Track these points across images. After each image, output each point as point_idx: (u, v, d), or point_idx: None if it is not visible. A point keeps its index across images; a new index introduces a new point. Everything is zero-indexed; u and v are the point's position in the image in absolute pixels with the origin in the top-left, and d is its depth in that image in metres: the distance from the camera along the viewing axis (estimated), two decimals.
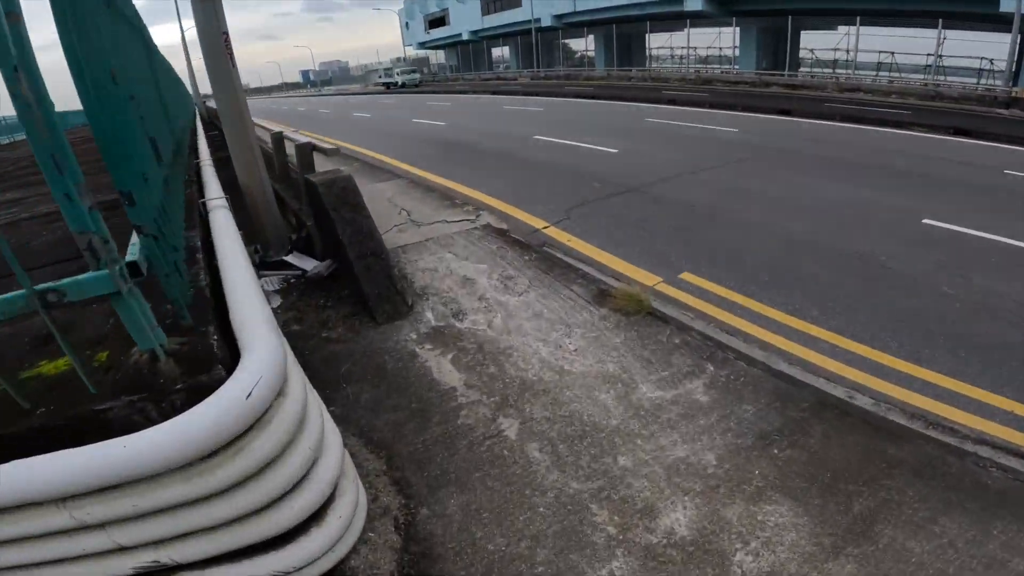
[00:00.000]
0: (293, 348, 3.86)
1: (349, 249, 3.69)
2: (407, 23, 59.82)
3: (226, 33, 3.82)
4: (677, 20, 31.15)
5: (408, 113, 21.27)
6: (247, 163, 4.24)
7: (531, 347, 3.64)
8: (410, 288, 4.06)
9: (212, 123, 19.69)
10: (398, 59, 69.62)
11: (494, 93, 28.84)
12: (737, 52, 28.01)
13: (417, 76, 46.16)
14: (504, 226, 5.38)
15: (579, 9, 36.08)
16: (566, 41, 42.25)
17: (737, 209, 6.15)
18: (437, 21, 53.71)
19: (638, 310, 3.98)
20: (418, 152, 10.79)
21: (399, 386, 3.42)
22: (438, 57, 62.82)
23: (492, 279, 4.19)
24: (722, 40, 31.06)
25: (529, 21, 37.42)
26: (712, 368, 3.53)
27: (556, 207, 6.38)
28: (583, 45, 40.45)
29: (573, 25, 38.76)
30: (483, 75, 47.46)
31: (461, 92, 32.79)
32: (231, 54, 3.88)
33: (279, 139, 6.38)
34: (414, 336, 3.71)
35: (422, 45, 59.79)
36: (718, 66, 30.28)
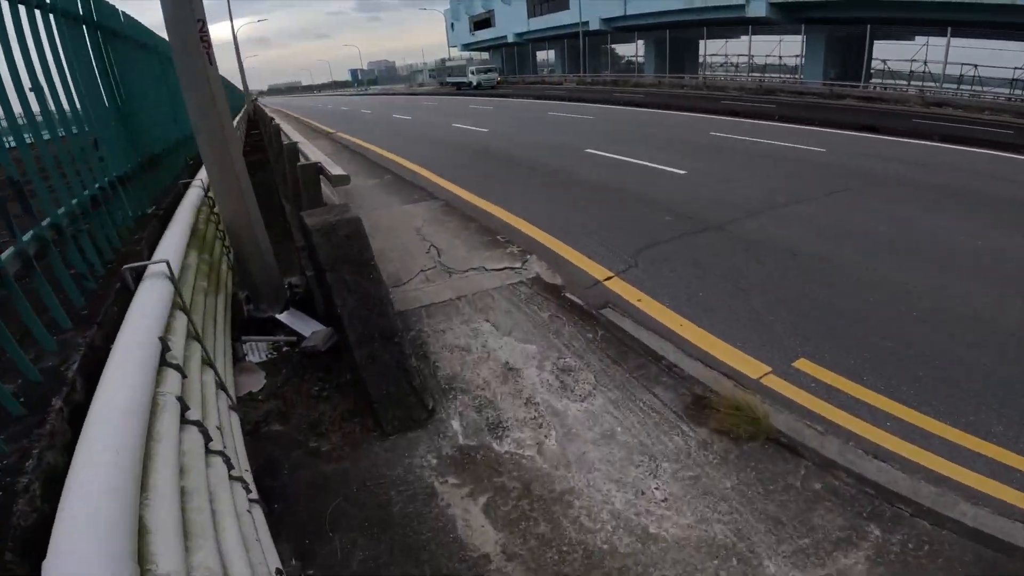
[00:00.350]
0: (269, 462, 2.80)
1: (349, 329, 2.62)
2: (452, 24, 58.90)
3: (202, 21, 2.78)
4: (736, 26, 29.37)
5: (448, 117, 20.38)
6: (231, 193, 3.21)
7: (600, 491, 2.47)
8: (432, 379, 2.95)
9: (257, 122, 19.28)
10: (442, 60, 68.15)
11: (538, 98, 27.73)
12: (803, 61, 26.00)
13: (495, 77, 41.67)
14: (558, 280, 4.20)
15: (630, 13, 34.62)
16: (614, 45, 40.73)
17: (855, 259, 4.79)
18: (482, 22, 52.71)
19: (753, 433, 2.74)
20: (457, 164, 9.76)
21: (409, 545, 2.31)
22: (482, 59, 62.15)
23: (544, 371, 3.04)
24: (783, 48, 29.16)
25: (576, 24, 36.09)
26: (877, 532, 2.31)
27: (620, 247, 5.17)
28: (632, 50, 38.84)
29: (623, 29, 37.29)
30: (527, 78, 46.53)
31: (504, 96, 31.77)
32: (209, 48, 2.83)
33: (293, 151, 5.41)
34: (434, 460, 2.59)
35: (467, 46, 58.61)
36: (777, 75, 28.35)
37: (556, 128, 14.85)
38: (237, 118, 15.36)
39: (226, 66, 37.18)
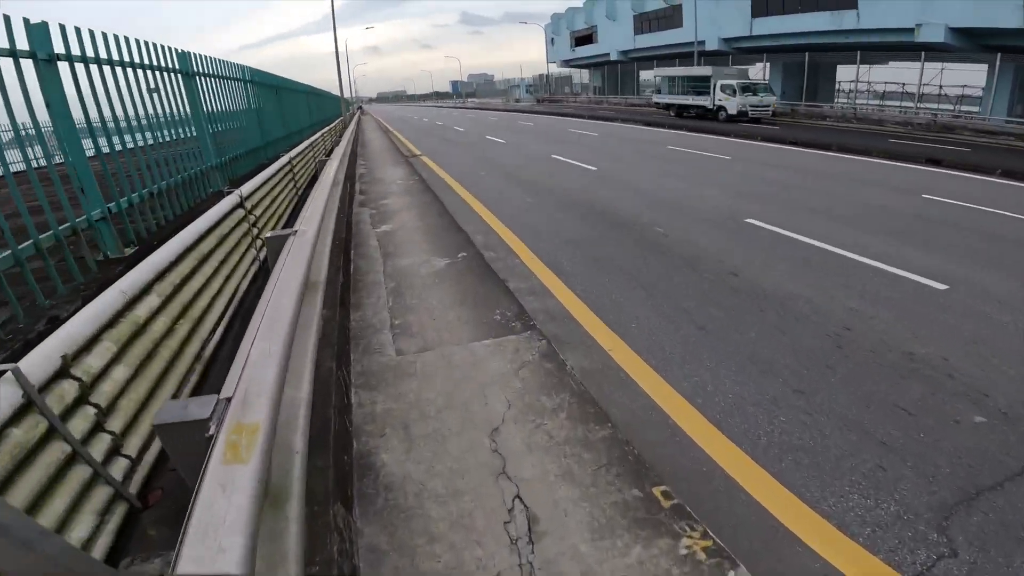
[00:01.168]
0: None
1: None
2: (552, 39, 56.44)
3: None
4: (895, 51, 24.59)
5: (546, 144, 17.52)
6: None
7: None
8: None
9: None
10: (540, 76, 66.46)
11: (648, 124, 24.36)
12: (993, 94, 20.82)
13: (770, 103, 24.70)
14: None
15: (757, 33, 30.49)
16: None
17: None
18: (584, 38, 49.90)
19: None
20: (563, 234, 6.75)
21: None
22: (581, 76, 59.40)
23: None
24: (945, 77, 24.07)
25: (691, 43, 32.28)
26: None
27: (912, 497, 1.98)
28: (754, 73, 34.33)
29: (746, 51, 33.12)
30: (630, 99, 42.95)
31: (606, 118, 28.76)
32: None
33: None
34: None
35: (566, 63, 56.35)
36: (948, 107, 23.24)
37: (686, 172, 11.52)
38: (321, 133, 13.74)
39: (331, 75, 38.07)
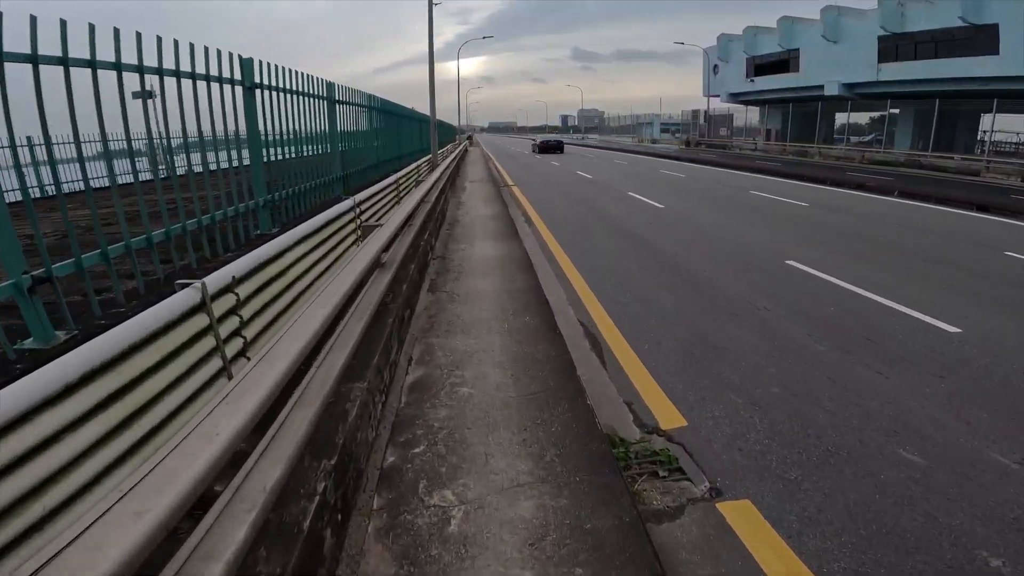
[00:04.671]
0: None
1: None
2: (715, 66, 43.77)
3: None
4: None
5: (722, 212, 12.12)
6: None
7: None
8: None
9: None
10: (696, 113, 51.11)
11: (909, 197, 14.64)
12: None
13: None
14: None
15: (883, 79, 28.49)
16: None
17: None
18: (771, 66, 37.48)
19: None
20: None
21: None
22: (748, 115, 45.76)
23: None
24: None
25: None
26: None
27: None
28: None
29: (872, 96, 30.87)
30: (825, 147, 32.84)
31: (814, 179, 18.94)
32: None
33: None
34: None
35: (736, 97, 43.21)
36: None
37: None
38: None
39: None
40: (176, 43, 3.41)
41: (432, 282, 6.22)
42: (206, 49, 3.78)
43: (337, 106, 7.10)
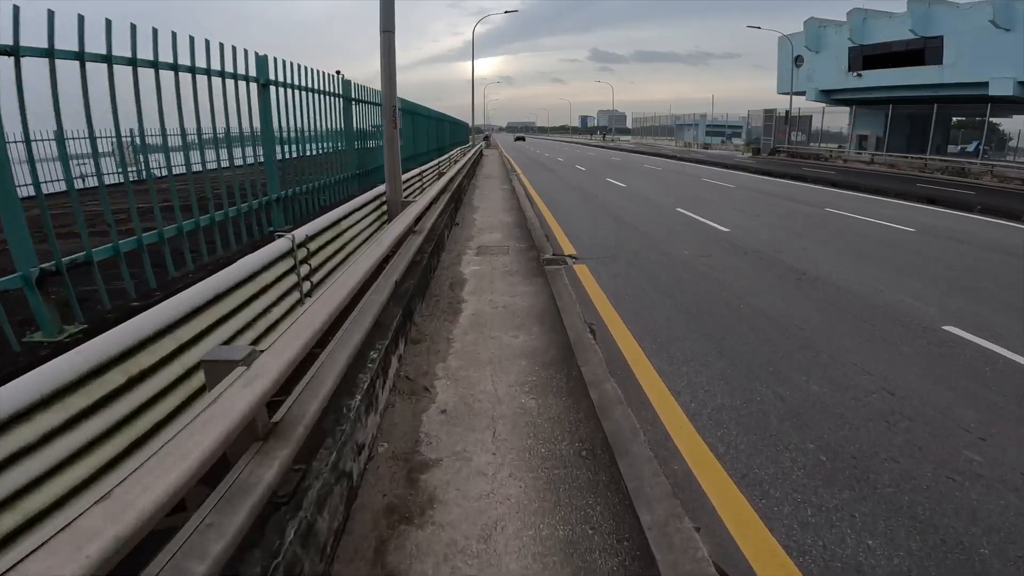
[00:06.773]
0: None
1: None
2: (796, 57, 34.39)
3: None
4: None
5: (841, 268, 6.54)
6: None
7: None
8: None
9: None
10: (767, 113, 37.11)
11: None
12: None
13: None
14: None
15: None
16: None
17: None
18: (892, 57, 28.23)
19: None
20: None
21: None
22: (835, 118, 35.47)
23: None
24: None
25: None
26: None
27: None
28: None
29: None
30: (931, 157, 25.42)
31: (959, 204, 12.45)
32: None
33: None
34: None
35: (830, 95, 33.32)
36: None
37: None
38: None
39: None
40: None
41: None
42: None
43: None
